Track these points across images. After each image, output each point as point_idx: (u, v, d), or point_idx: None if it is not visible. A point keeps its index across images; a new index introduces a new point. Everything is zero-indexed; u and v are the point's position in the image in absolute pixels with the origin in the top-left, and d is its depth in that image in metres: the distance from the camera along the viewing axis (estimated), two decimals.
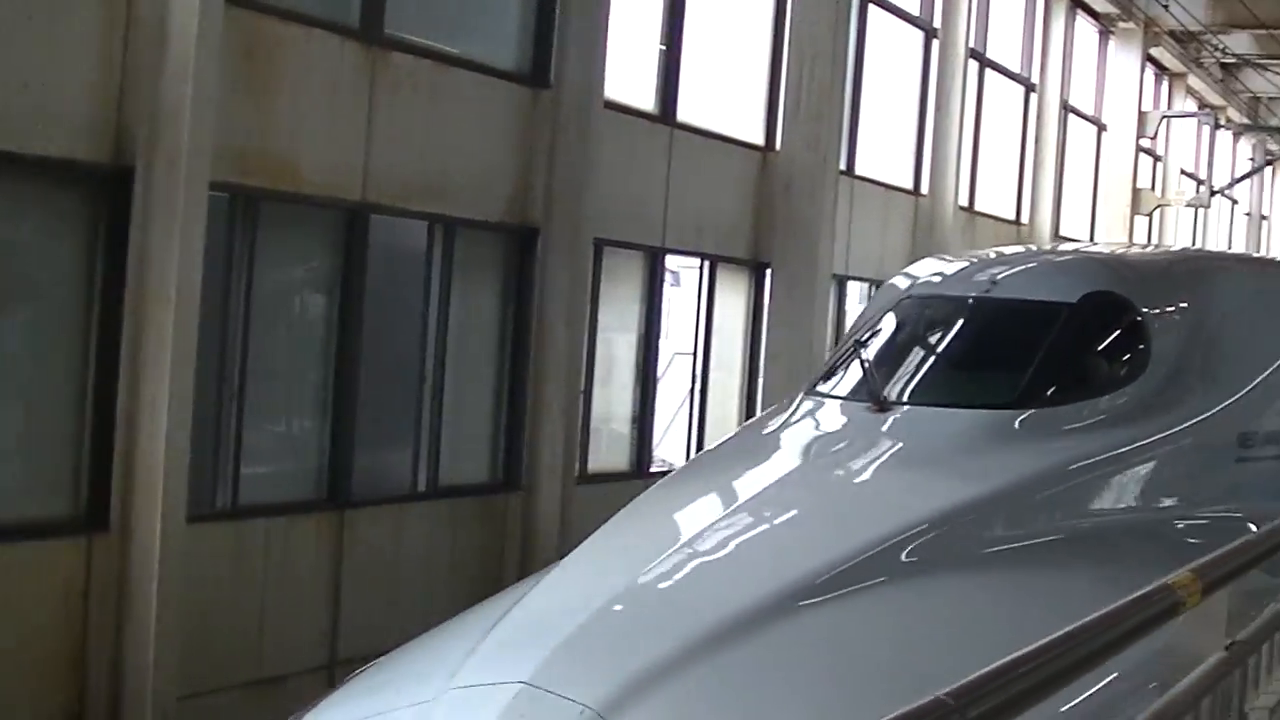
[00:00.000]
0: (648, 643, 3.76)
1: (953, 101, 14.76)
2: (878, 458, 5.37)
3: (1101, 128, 20.12)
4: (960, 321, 6.01)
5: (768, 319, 11.88)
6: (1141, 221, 21.06)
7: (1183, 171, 23.44)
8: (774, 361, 11.70)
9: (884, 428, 5.34)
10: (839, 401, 5.67)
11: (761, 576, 4.20)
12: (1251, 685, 3.47)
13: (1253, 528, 5.17)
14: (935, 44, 14.73)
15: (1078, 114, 19.22)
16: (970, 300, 6.00)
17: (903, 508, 4.76)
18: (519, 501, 9.22)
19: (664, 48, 10.87)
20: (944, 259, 7.22)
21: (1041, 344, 5.64)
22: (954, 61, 14.74)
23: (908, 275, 6.65)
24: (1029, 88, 17.48)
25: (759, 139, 12.01)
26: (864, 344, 5.80)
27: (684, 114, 11.00)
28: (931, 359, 5.96)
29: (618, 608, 4.00)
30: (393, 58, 8.08)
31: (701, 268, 11.47)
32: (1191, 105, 23.58)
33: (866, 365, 5.55)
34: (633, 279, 10.73)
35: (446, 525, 8.79)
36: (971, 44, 15.10)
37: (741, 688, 3.70)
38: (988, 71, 16.32)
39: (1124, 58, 19.95)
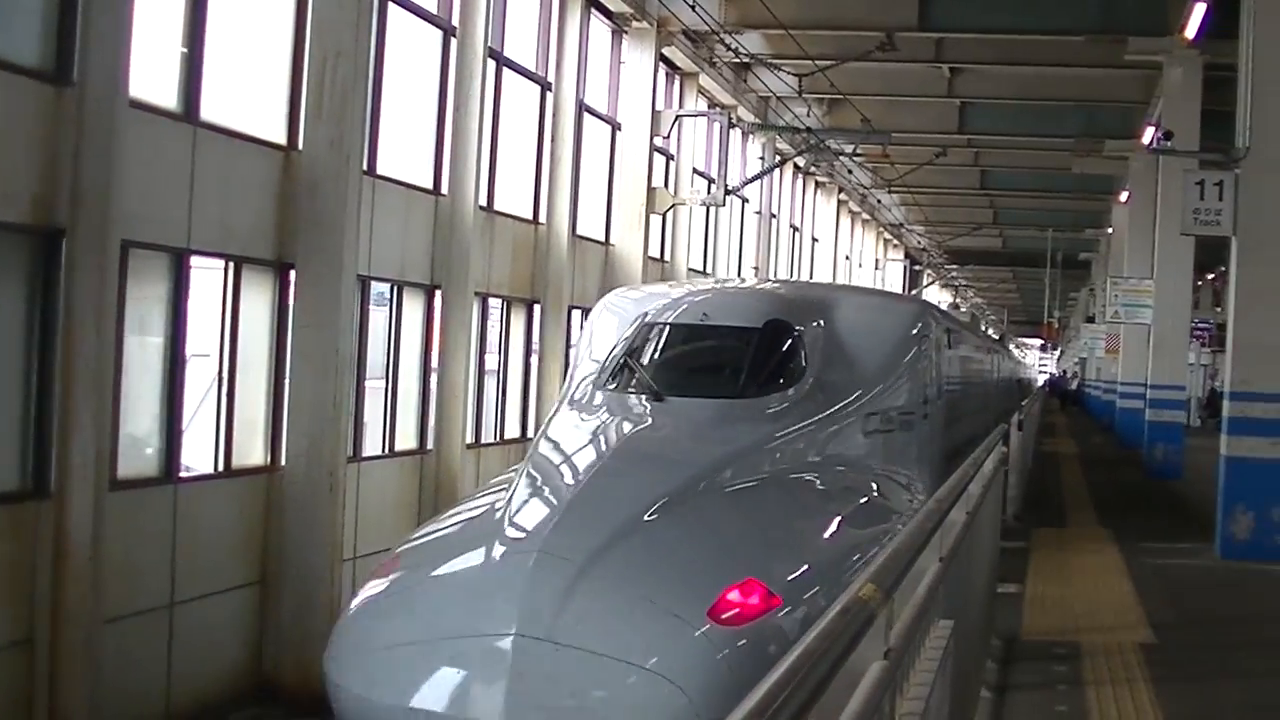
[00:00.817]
0: (589, 532, 7.15)
1: (471, 101, 16.64)
2: (664, 430, 9.03)
3: (616, 127, 22.63)
4: (693, 340, 10.13)
5: (294, 320, 13.29)
6: (656, 221, 23.81)
7: (696, 171, 26.56)
8: (303, 362, 13.14)
9: (664, 412, 9.11)
10: (630, 395, 9.39)
11: (623, 502, 7.59)
12: (899, 693, 3.63)
13: (874, 484, 9.63)
14: (454, 43, 16.58)
15: (593, 113, 21.62)
16: (696, 326, 10.13)
17: (687, 462, 8.52)
18: (49, 509, 10.20)
19: (185, 50, 12.06)
20: (642, 291, 12.18)
21: (745, 355, 9.67)
22: (472, 61, 16.61)
23: (617, 305, 11.28)
24: (546, 87, 19.66)
25: (282, 139, 13.41)
26: (630, 355, 9.71)
27: (208, 113, 12.25)
28: (679, 366, 9.97)
29: (568, 512, 7.41)
30: None
31: (226, 269, 12.74)
32: (704, 105, 26.73)
33: (638, 371, 9.51)
34: (158, 281, 11.89)
35: None
36: (490, 43, 17.02)
37: (642, 550, 7.26)
38: (506, 71, 18.34)
39: (638, 57, 22.57)
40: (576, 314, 21.20)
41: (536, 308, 19.64)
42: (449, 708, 6.51)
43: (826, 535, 8.46)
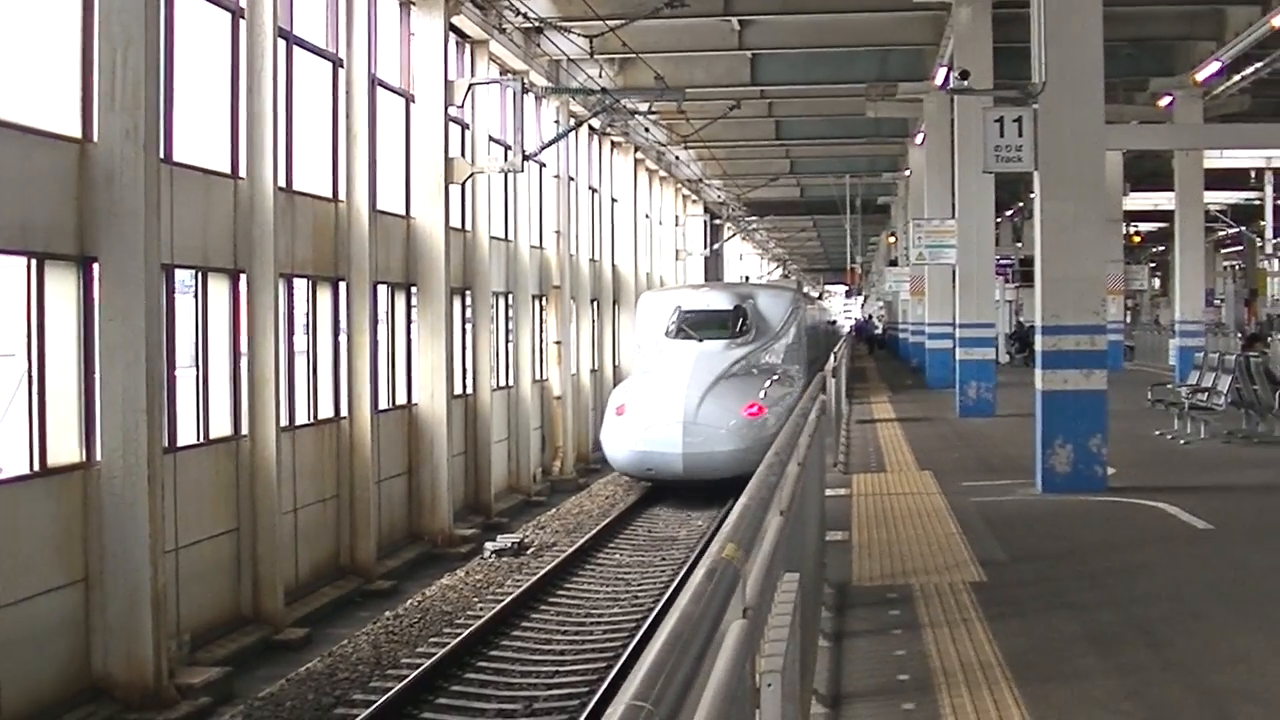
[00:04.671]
0: (698, 386, 25.00)
1: (264, 82, 16.97)
2: (699, 355, 26.14)
3: (410, 99, 23.04)
4: (704, 314, 27.58)
5: (100, 313, 13.55)
6: (456, 191, 24.30)
7: (492, 138, 27.08)
8: (111, 355, 13.42)
9: (700, 346, 26.45)
10: (682, 340, 26.84)
11: (706, 377, 25.32)
12: (757, 651, 3.72)
13: (785, 371, 27.41)
14: (243, 24, 16.88)
15: (386, 87, 21.98)
16: (705, 309, 27.79)
17: (711, 369, 25.62)
18: None
19: None
20: (668, 291, 32.59)
21: (729, 319, 27.30)
22: (261, 41, 16.93)
23: (657, 299, 29.62)
24: (338, 63, 20.00)
25: (77, 131, 13.63)
26: (681, 321, 27.27)
27: None
28: (700, 325, 27.10)
29: (664, 397, 25.07)
30: None
31: (29, 266, 12.96)
32: (496, 72, 27.24)
33: (685, 329, 27.06)
34: None
35: None
36: (279, 22, 17.33)
37: (718, 392, 25.24)
38: (296, 49, 18.65)
39: (427, 28, 22.98)
40: (382, 290, 21.65)
41: (342, 285, 20.02)
42: (656, 446, 24.44)
43: (776, 387, 25.79)
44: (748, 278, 68.45)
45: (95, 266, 13.60)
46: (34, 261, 13.05)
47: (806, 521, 7.24)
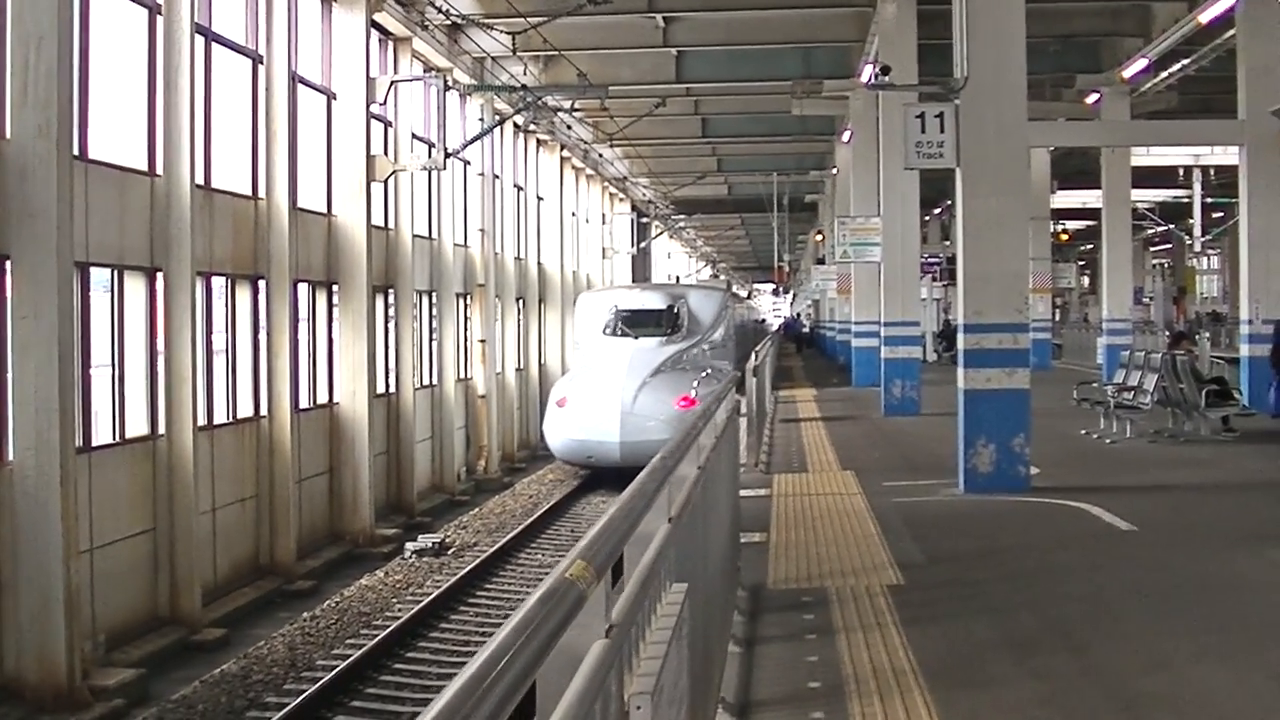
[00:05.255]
0: (635, 379, 27.32)
1: (181, 79, 16.90)
2: (635, 351, 28.34)
3: (332, 97, 23.00)
4: (639, 313, 29.68)
5: (11, 311, 13.48)
6: (378, 189, 24.30)
7: (415, 136, 27.08)
8: (24, 354, 13.36)
9: (636, 343, 28.62)
10: (620, 337, 29.00)
11: (641, 370, 27.69)
12: (627, 670, 3.54)
13: (715, 366, 29.48)
14: (159, 21, 16.81)
15: (307, 84, 21.94)
16: (640, 308, 29.91)
17: (647, 364, 27.85)
18: None
19: None
20: (605, 291, 34.74)
21: (662, 318, 29.60)
22: (179, 37, 16.86)
23: (595, 299, 31.70)
24: (257, 60, 19.95)
25: None
26: (618, 320, 29.38)
27: None
28: (637, 324, 29.22)
29: (602, 391, 27.27)
30: None
31: None
32: (419, 69, 27.24)
33: (620, 326, 29.29)
34: None
35: None
36: (196, 18, 17.28)
37: (654, 384, 27.56)
38: (215, 46, 18.60)
39: (348, 24, 22.94)
40: (303, 288, 21.62)
41: (261, 284, 19.98)
42: (595, 435, 26.49)
43: (707, 381, 26.61)
44: (679, 278, 68.72)
45: (7, 264, 13.53)
46: None
47: (714, 525, 7.15)
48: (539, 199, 40.87)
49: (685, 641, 4.53)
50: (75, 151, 14.41)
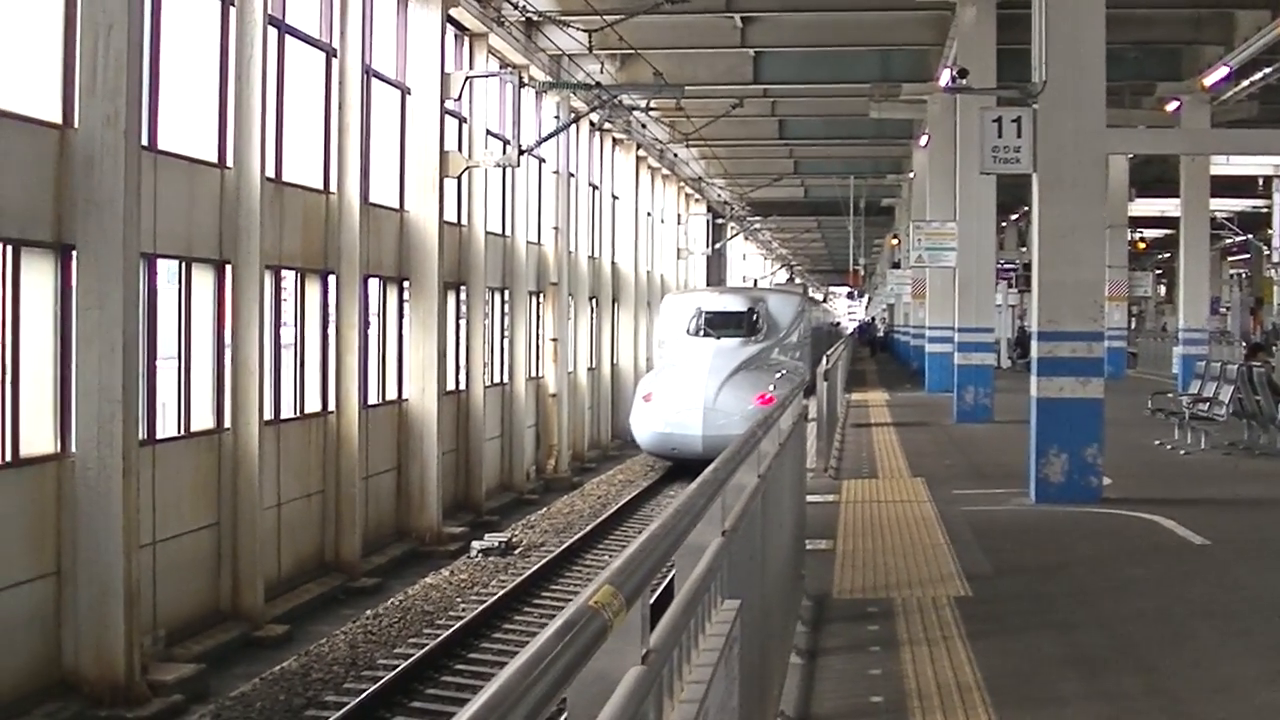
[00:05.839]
0: (718, 376, 29.12)
1: (253, 71, 16.74)
2: (716, 350, 30.25)
3: (406, 91, 22.81)
4: (721, 315, 31.51)
5: (77, 302, 13.34)
6: (451, 185, 24.09)
7: (489, 132, 26.86)
8: (89, 345, 13.19)
9: (718, 343, 30.54)
10: (703, 337, 30.96)
11: (725, 367, 29.65)
12: (667, 695, 3.36)
13: (792, 365, 31.55)
14: (233, 11, 16.65)
15: (381, 78, 21.77)
16: (721, 310, 31.77)
17: (728, 363, 29.70)
18: None
19: None
20: (689, 293, 38.02)
21: (743, 319, 31.41)
22: (252, 29, 16.70)
23: (679, 301, 34.14)
24: (331, 53, 19.78)
25: (57, 117, 13.42)
26: (700, 320, 31.32)
27: None
28: (719, 325, 31.13)
29: (686, 387, 29.09)
30: None
31: (4, 253, 12.76)
32: (495, 65, 27.01)
33: (703, 326, 31.17)
34: None
35: None
36: (270, 10, 17.10)
37: (735, 381, 29.30)
38: (288, 38, 18.43)
39: (424, 19, 22.75)
40: (374, 283, 21.43)
41: (331, 279, 19.81)
42: (679, 429, 28.21)
43: (784, 380, 27.35)
44: (756, 281, 68.78)
45: (73, 255, 13.39)
46: (9, 248, 12.85)
47: (776, 534, 6.87)
48: (614, 198, 40.60)
49: (736, 659, 4.29)
50: (144, 142, 14.25)
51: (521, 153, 24.96)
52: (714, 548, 4.40)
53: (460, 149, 24.98)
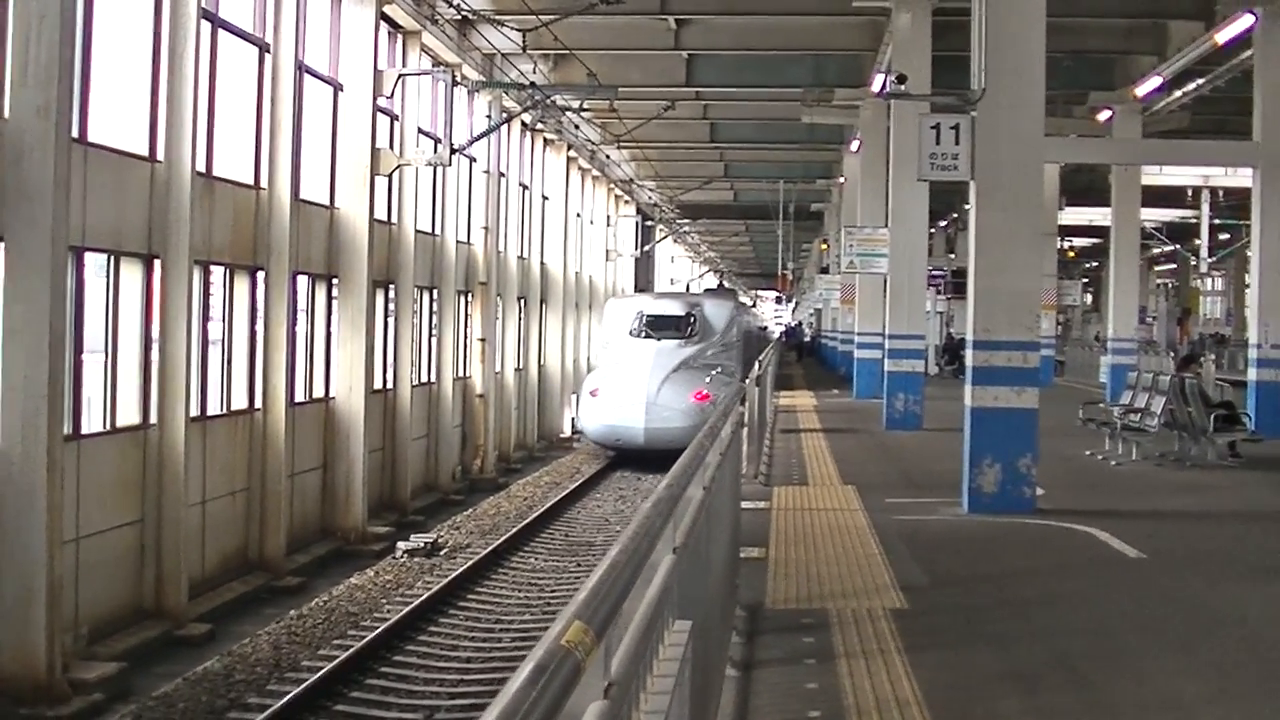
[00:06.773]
0: (658, 374, 31.37)
1: (185, 64, 16.67)
2: (657, 351, 32.30)
3: (339, 88, 22.75)
4: (662, 317, 33.73)
5: (3, 295, 13.23)
6: (382, 183, 24.05)
7: (421, 131, 26.84)
8: (14, 338, 13.11)
9: (658, 344, 32.58)
10: (644, 339, 32.99)
11: (665, 367, 31.73)
12: None
13: (725, 366, 33.23)
14: (166, 4, 16.57)
15: (314, 75, 21.70)
16: (663, 314, 33.98)
17: (668, 362, 31.89)
18: None
19: None
20: (632, 298, 40.09)
21: (683, 324, 33.59)
22: (185, 22, 16.63)
23: (623, 304, 36.45)
24: (264, 48, 19.70)
25: None
26: (642, 323, 33.43)
27: None
28: (660, 327, 33.30)
29: (630, 384, 31.36)
30: None
31: None
32: (428, 63, 27.00)
33: (644, 329, 33.25)
34: None
35: None
36: (203, 4, 17.03)
37: (674, 380, 31.63)
38: (221, 32, 18.35)
39: (358, 16, 22.70)
40: (303, 280, 21.37)
41: (260, 275, 19.74)
42: (623, 422, 30.64)
43: (718, 379, 31.57)
44: (689, 285, 69.73)
45: (0, 247, 13.29)
46: None
47: (715, 544, 6.77)
48: (544, 198, 40.64)
49: (688, 682, 4.18)
50: (75, 134, 14.15)
51: (453, 152, 24.99)
52: (666, 567, 4.27)
53: (392, 147, 24.95)
